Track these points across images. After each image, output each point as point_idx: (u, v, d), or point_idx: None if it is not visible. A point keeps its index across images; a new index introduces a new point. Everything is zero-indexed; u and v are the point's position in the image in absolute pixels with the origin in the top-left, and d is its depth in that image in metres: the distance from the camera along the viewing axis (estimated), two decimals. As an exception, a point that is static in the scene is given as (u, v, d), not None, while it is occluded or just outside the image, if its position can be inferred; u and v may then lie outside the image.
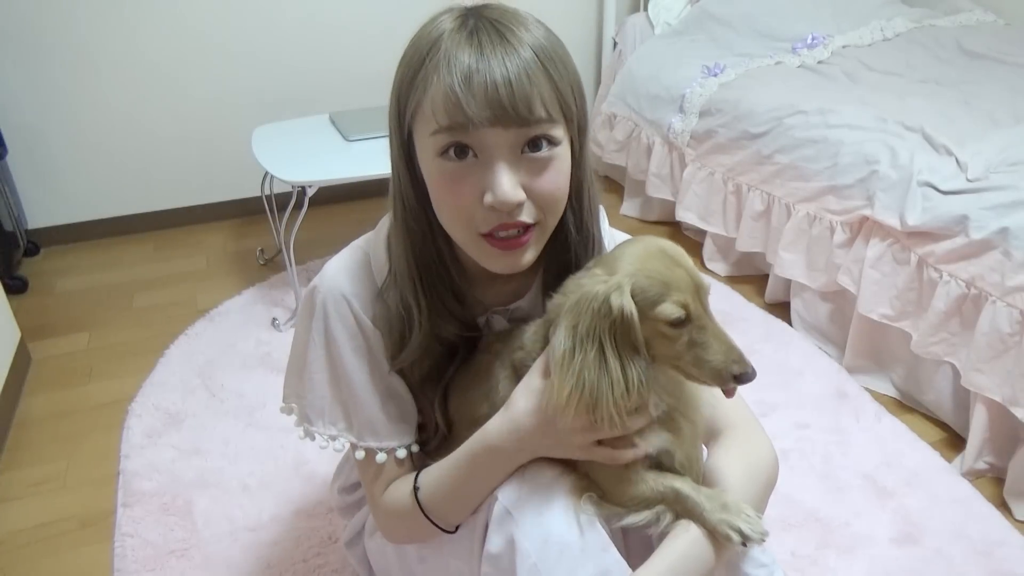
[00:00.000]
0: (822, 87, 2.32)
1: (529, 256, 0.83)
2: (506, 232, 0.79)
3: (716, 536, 0.81)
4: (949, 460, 1.65)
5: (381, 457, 0.92)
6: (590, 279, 0.77)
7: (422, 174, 0.82)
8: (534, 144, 0.77)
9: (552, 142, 0.78)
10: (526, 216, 0.79)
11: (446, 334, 0.88)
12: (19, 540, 1.50)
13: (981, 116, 2.00)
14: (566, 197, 0.83)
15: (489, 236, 0.79)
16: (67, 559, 1.46)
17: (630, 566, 0.83)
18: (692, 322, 0.75)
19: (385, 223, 0.91)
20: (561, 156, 0.80)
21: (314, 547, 1.45)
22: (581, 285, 0.77)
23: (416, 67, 0.76)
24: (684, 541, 0.81)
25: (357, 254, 0.92)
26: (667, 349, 0.76)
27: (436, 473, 0.89)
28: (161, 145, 2.68)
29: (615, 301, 0.73)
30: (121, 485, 1.61)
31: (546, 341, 0.82)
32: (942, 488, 1.57)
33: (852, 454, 1.66)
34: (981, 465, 1.61)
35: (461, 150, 0.76)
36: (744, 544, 0.79)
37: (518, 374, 0.86)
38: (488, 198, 0.76)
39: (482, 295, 0.93)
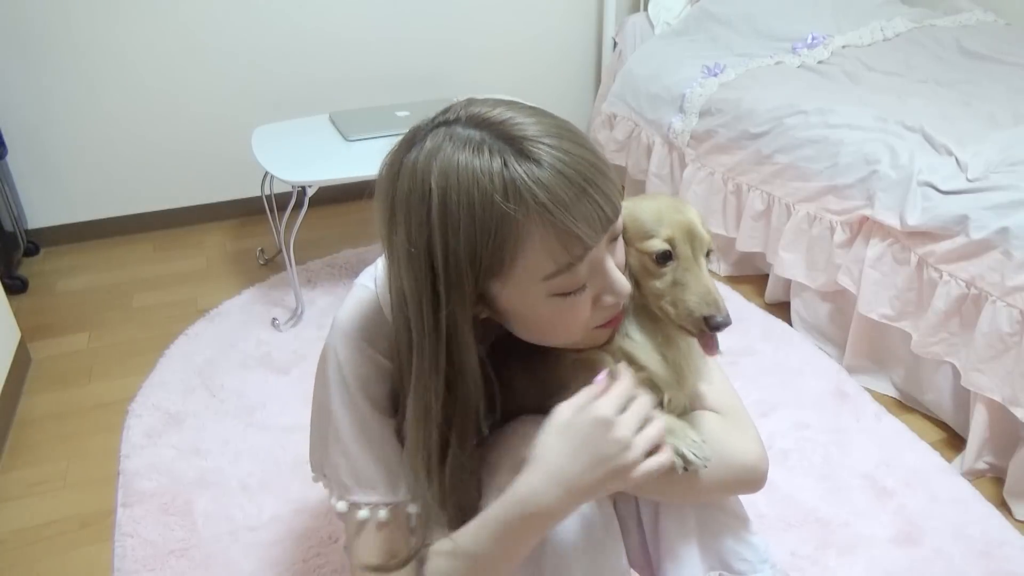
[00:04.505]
0: (822, 87, 2.32)
1: None
2: (616, 313, 0.79)
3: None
4: (949, 460, 1.65)
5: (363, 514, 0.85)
6: None
7: (496, 314, 0.77)
8: (615, 232, 0.76)
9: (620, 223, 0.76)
10: None
11: None
12: (19, 540, 1.50)
13: (981, 116, 2.00)
14: None
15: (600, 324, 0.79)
16: (67, 559, 1.46)
17: (631, 565, 0.83)
18: (678, 262, 0.79)
19: (383, 264, 0.87)
20: None
21: (314, 547, 1.45)
22: None
23: (497, 219, 0.68)
24: None
25: (364, 297, 0.87)
26: (652, 284, 0.80)
27: (448, 547, 0.79)
28: (161, 145, 2.68)
29: None
30: (121, 485, 1.61)
31: None
32: (942, 488, 1.57)
33: (852, 454, 1.66)
34: (981, 465, 1.62)
35: (577, 280, 0.72)
36: (686, 468, 0.78)
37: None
38: (610, 300, 0.76)
39: None
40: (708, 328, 0.77)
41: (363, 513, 0.84)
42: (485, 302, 0.75)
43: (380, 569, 0.84)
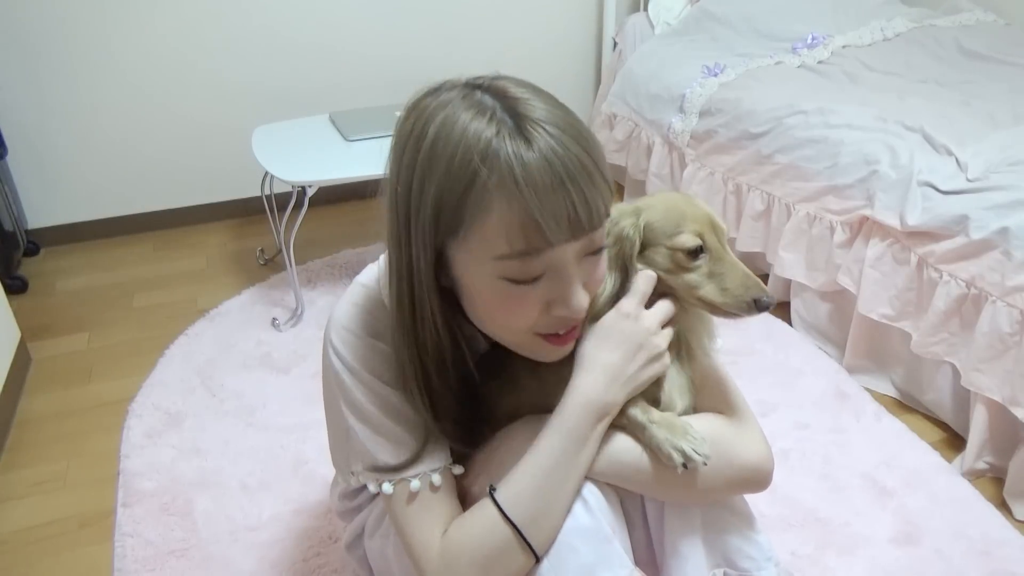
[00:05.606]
0: (822, 87, 2.32)
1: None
2: (565, 328, 0.79)
3: (660, 456, 0.82)
4: (949, 460, 1.65)
5: (415, 484, 0.83)
6: (616, 210, 0.84)
7: (453, 282, 0.78)
8: (592, 246, 0.75)
9: (603, 238, 0.76)
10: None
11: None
12: (19, 540, 1.50)
13: (981, 116, 2.00)
14: None
15: (547, 335, 0.79)
16: (67, 559, 1.46)
17: (636, 562, 0.84)
18: (709, 253, 0.81)
19: (384, 263, 0.87)
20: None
21: (314, 547, 1.45)
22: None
23: (467, 179, 0.69)
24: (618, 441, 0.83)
25: (360, 292, 0.89)
26: (688, 280, 0.82)
27: (517, 473, 0.80)
28: (161, 145, 2.68)
29: (623, 222, 0.82)
30: (121, 485, 1.61)
31: None
32: (942, 488, 1.57)
33: (852, 454, 1.66)
34: (981, 465, 1.62)
35: (531, 271, 0.72)
36: (685, 466, 0.80)
37: None
38: (562, 311, 0.75)
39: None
40: (758, 309, 0.79)
41: (415, 484, 0.83)
42: (444, 264, 0.76)
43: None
